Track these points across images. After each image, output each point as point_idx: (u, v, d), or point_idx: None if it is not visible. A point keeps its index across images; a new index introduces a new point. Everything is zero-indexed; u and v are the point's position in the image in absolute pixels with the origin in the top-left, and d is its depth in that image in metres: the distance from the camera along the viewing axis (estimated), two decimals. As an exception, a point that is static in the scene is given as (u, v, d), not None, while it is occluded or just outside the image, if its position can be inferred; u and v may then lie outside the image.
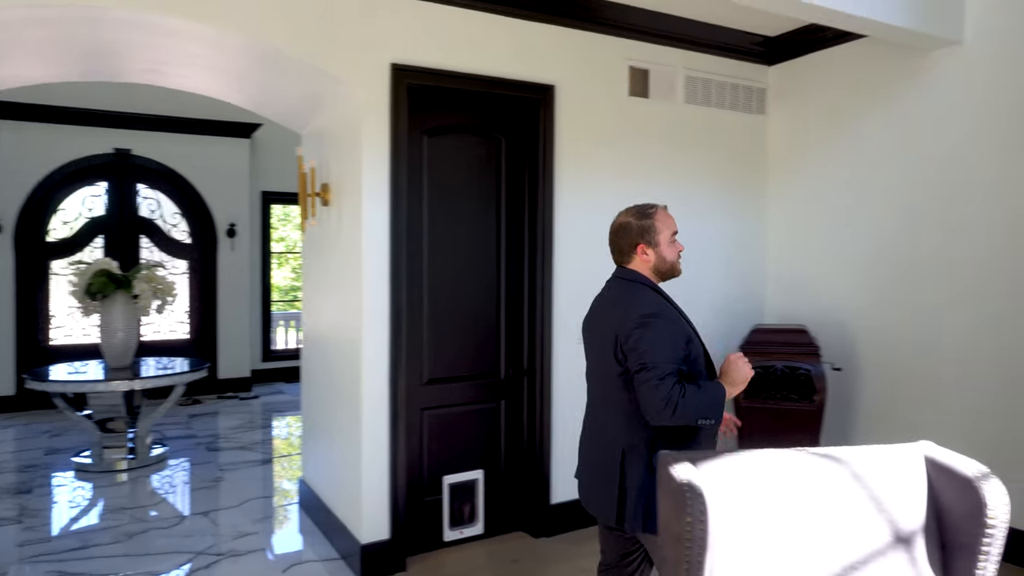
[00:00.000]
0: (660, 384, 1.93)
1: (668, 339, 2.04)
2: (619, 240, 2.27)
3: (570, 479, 3.87)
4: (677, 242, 2.25)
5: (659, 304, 2.13)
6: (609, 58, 3.97)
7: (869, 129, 4.04)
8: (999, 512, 1.52)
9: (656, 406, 1.93)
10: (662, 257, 2.20)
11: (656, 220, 2.21)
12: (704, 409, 1.97)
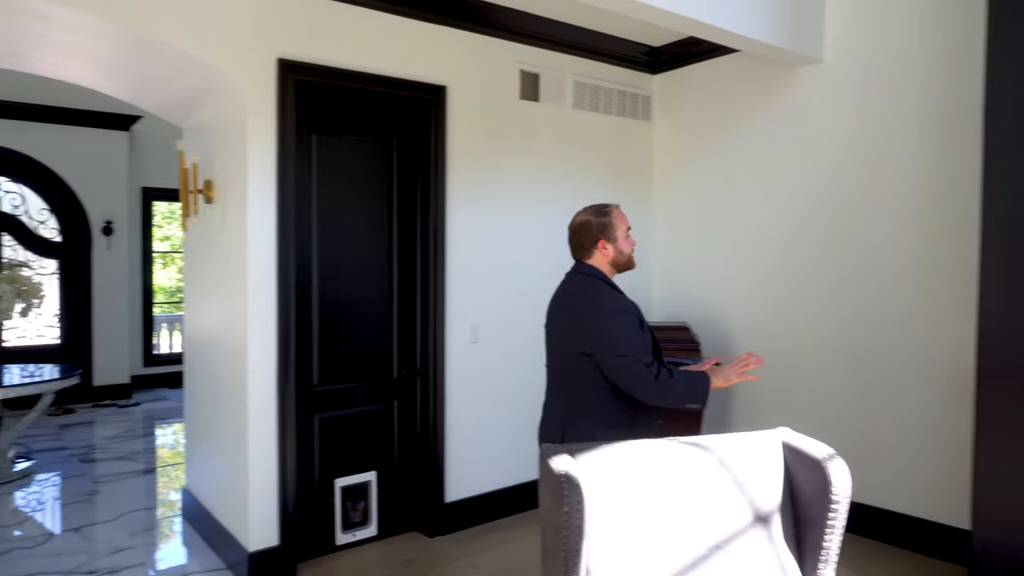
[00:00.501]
0: (647, 368, 2.16)
1: (630, 328, 2.24)
2: (580, 237, 2.42)
3: (465, 477, 3.93)
4: (631, 237, 2.44)
5: (616, 299, 2.31)
6: (500, 61, 4.03)
7: (742, 138, 4.31)
8: (842, 488, 1.68)
9: (646, 386, 2.16)
10: (619, 251, 2.38)
11: (613, 217, 2.39)
12: (690, 394, 2.22)
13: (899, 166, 3.57)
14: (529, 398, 4.15)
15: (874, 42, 3.67)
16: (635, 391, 2.21)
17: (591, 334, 2.25)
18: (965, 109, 3.26)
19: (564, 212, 4.27)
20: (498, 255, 4.04)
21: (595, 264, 2.40)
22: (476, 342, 3.93)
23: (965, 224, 3.25)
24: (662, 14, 3.17)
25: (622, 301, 2.33)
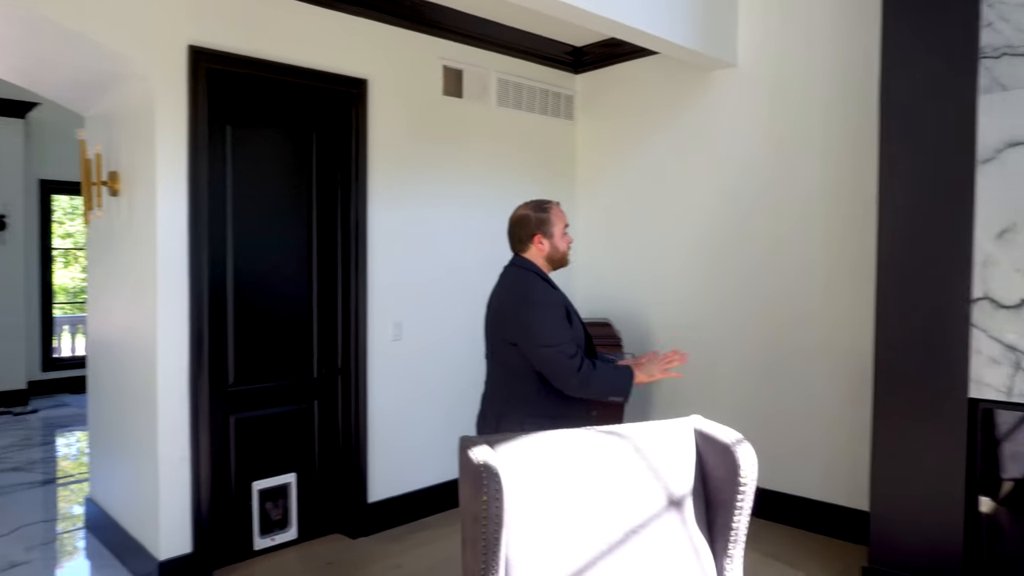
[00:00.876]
0: (571, 360, 2.21)
1: (561, 320, 2.29)
2: (518, 230, 2.47)
3: (389, 477, 3.88)
4: (568, 235, 2.48)
5: (548, 292, 2.36)
6: (423, 56, 4.00)
7: (661, 138, 4.42)
8: (749, 471, 1.75)
9: (569, 378, 2.22)
10: (555, 247, 2.43)
11: (552, 214, 2.44)
12: (613, 387, 2.30)
13: (807, 166, 3.74)
14: (454, 395, 4.16)
15: (783, 48, 3.83)
16: (558, 382, 2.26)
17: (520, 325, 2.29)
18: (865, 111, 3.45)
19: (488, 209, 4.32)
20: (422, 252, 4.01)
21: (531, 258, 2.45)
22: (399, 340, 3.89)
23: (867, 221, 3.44)
24: (584, 14, 3.20)
25: (552, 294, 2.37)
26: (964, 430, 2.75)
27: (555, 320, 2.28)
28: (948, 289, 2.79)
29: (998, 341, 2.68)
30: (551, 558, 1.64)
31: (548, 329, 2.26)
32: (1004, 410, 2.73)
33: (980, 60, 2.74)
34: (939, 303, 2.81)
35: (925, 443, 2.84)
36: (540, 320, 2.27)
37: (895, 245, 2.94)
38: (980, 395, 2.73)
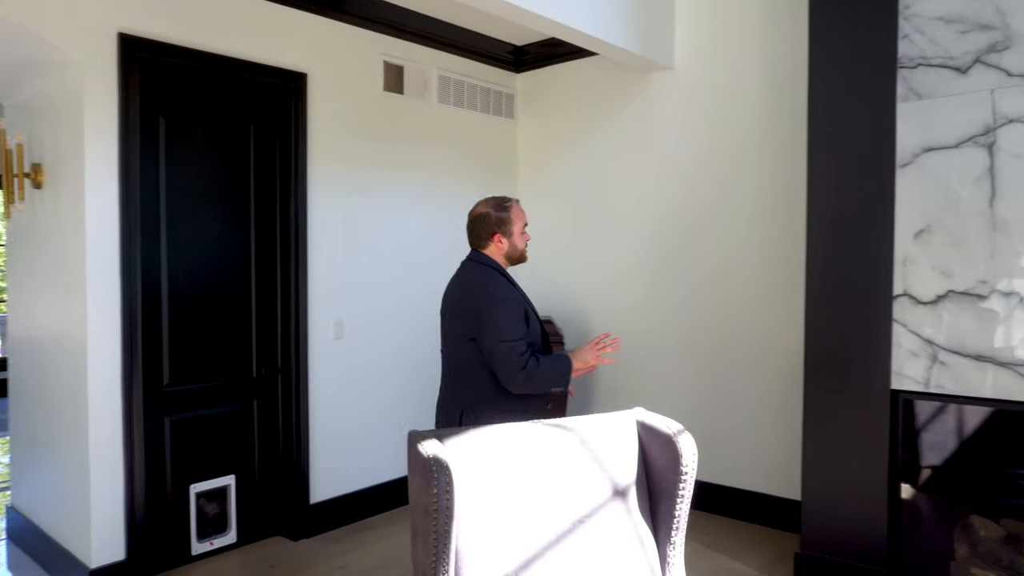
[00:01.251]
0: (519, 357, 2.26)
1: (515, 316, 2.33)
2: (477, 227, 2.49)
3: (331, 477, 3.83)
4: (527, 233, 2.53)
5: (506, 287, 2.40)
6: (364, 51, 3.97)
7: (601, 138, 4.50)
8: (689, 460, 1.82)
9: (514, 375, 2.26)
10: (514, 245, 2.49)
11: (511, 213, 2.48)
12: (554, 378, 2.35)
13: (742, 167, 3.88)
14: (397, 393, 4.14)
15: (717, 53, 3.96)
16: (503, 377, 2.29)
17: (477, 320, 2.32)
18: (796, 115, 3.60)
19: (430, 207, 4.32)
20: (363, 249, 3.98)
21: (490, 254, 2.48)
22: (340, 338, 3.84)
23: (799, 221, 3.58)
24: (524, 14, 3.22)
25: (510, 290, 2.41)
26: (887, 421, 2.91)
27: (511, 316, 2.32)
28: (871, 287, 2.94)
29: (917, 335, 2.85)
30: (501, 549, 1.66)
31: (503, 325, 2.29)
32: (922, 400, 2.90)
33: (898, 70, 2.90)
34: (863, 300, 2.96)
35: (851, 434, 2.99)
36: (497, 315, 2.30)
37: (823, 245, 3.08)
38: (900, 387, 2.89)
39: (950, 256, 2.78)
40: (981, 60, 2.72)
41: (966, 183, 2.74)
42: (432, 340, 4.32)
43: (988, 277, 2.71)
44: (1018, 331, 2.65)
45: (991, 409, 2.81)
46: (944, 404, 2.88)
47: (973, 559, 2.87)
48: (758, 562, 3.36)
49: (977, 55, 2.73)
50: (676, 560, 1.87)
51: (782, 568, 3.28)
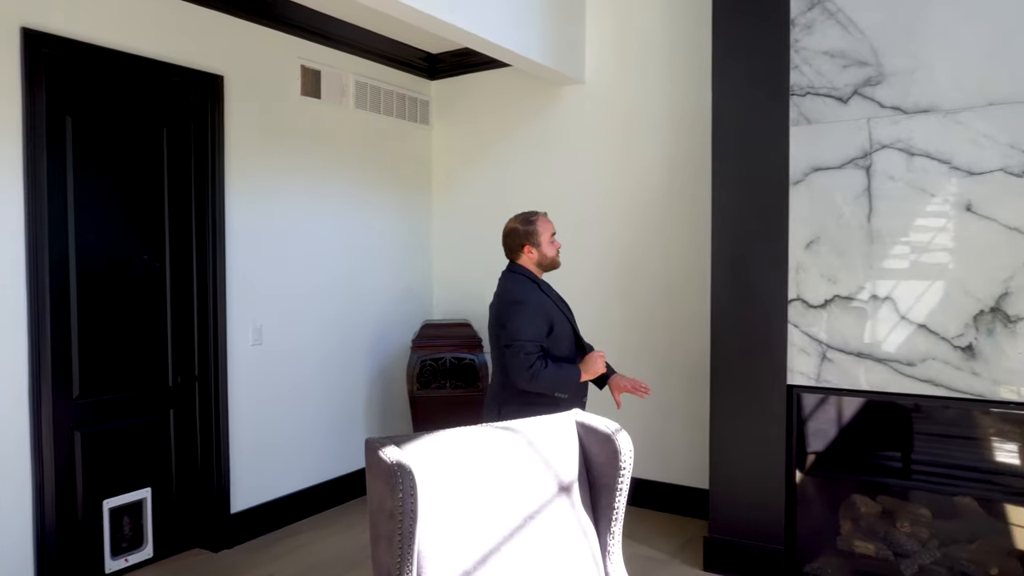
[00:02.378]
0: (526, 357, 2.52)
1: (531, 322, 2.58)
2: (509, 241, 2.78)
3: (253, 484, 3.77)
4: (556, 241, 2.78)
5: (529, 293, 2.65)
6: (281, 55, 3.93)
7: (515, 148, 4.66)
8: (627, 456, 1.99)
9: (520, 373, 2.54)
10: (543, 254, 2.74)
11: (537, 225, 2.73)
12: (558, 385, 2.58)
13: (650, 180, 4.14)
14: (319, 398, 4.13)
15: (625, 70, 4.20)
16: (511, 375, 2.58)
17: (500, 324, 2.63)
18: (701, 132, 3.89)
19: (348, 211, 4.33)
20: (282, 253, 3.94)
21: (523, 264, 2.76)
22: (260, 344, 3.79)
23: (704, 231, 3.87)
24: (439, 23, 3.26)
25: (534, 296, 2.65)
26: (783, 413, 3.22)
27: (526, 320, 2.57)
28: (769, 292, 3.25)
29: (808, 335, 3.18)
30: (459, 547, 1.76)
31: (517, 327, 2.56)
32: (812, 394, 3.23)
33: (791, 96, 3.22)
34: (762, 304, 3.26)
35: (753, 426, 3.29)
36: (512, 318, 2.58)
37: (726, 253, 3.36)
38: (795, 382, 3.21)
39: (835, 264, 3.12)
40: (859, 92, 3.07)
41: (848, 200, 3.09)
42: (352, 343, 4.36)
43: (865, 283, 3.07)
44: (889, 330, 3.02)
45: (868, 400, 3.18)
46: (831, 397, 3.23)
47: (855, 533, 3.24)
48: (669, 547, 3.62)
49: (856, 87, 3.08)
50: (615, 548, 2.03)
51: (691, 551, 3.55)
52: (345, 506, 4.25)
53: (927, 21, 2.92)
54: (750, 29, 3.29)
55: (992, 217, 2.83)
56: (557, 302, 2.76)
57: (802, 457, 3.30)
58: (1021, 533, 2.97)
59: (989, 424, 3.04)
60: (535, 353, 2.55)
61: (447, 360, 4.31)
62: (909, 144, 2.96)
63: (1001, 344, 2.81)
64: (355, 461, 4.42)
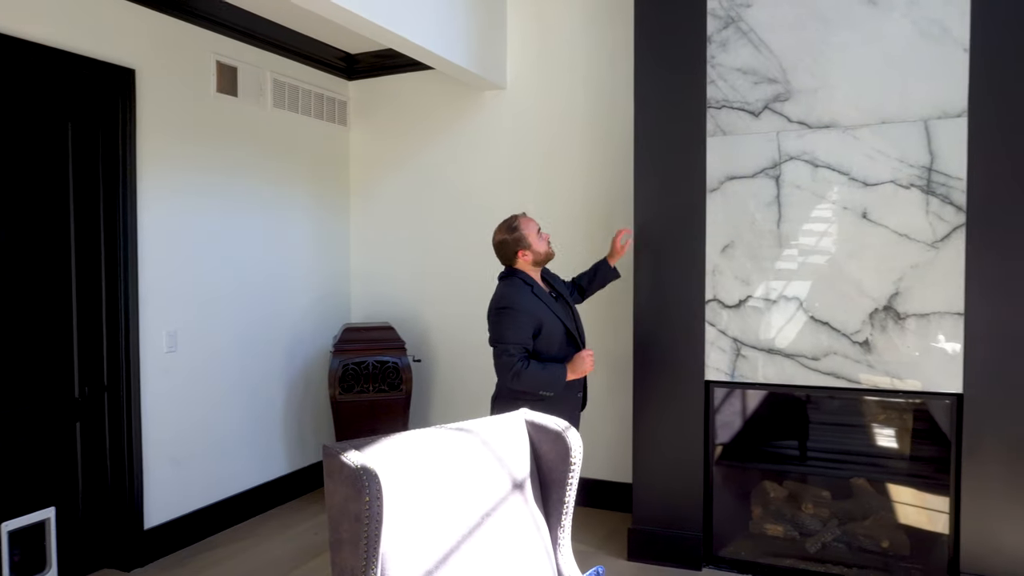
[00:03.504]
0: (508, 358, 2.72)
1: (516, 326, 2.74)
2: (503, 252, 2.95)
3: (169, 498, 3.60)
4: (544, 234, 2.93)
5: (517, 298, 2.79)
6: (196, 50, 3.78)
7: (435, 151, 4.68)
8: (577, 453, 2.07)
9: (504, 373, 2.74)
10: (536, 252, 2.90)
11: (522, 228, 2.89)
12: (541, 383, 2.73)
13: (571, 186, 4.26)
14: (239, 405, 4.00)
15: (545, 77, 4.32)
16: (497, 374, 2.80)
17: (490, 329, 2.83)
18: (622, 139, 4.05)
19: (265, 211, 4.21)
20: (198, 255, 3.78)
21: (520, 267, 2.92)
22: (175, 351, 3.63)
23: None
24: (360, 21, 3.20)
25: (523, 301, 2.79)
26: (702, 407, 3.42)
27: (509, 324, 2.75)
28: (688, 293, 3.44)
29: (724, 334, 3.39)
30: (420, 547, 1.78)
31: (501, 331, 2.77)
32: (728, 388, 3.45)
33: (707, 109, 3.42)
34: (682, 304, 3.45)
35: (673, 421, 3.47)
36: (498, 323, 2.78)
37: (648, 257, 3.53)
38: (711, 377, 3.42)
39: (748, 267, 3.35)
40: (769, 107, 3.31)
41: (760, 207, 3.32)
42: (271, 348, 4.23)
43: (775, 285, 3.31)
44: (796, 328, 3.27)
45: (778, 393, 3.42)
46: (745, 391, 3.45)
47: (766, 517, 3.48)
48: (594, 540, 3.75)
49: (766, 103, 3.31)
50: (565, 541, 2.11)
51: (616, 543, 3.70)
52: (265, 515, 4.13)
53: (829, 44, 3.19)
54: (670, 43, 3.47)
55: (884, 224, 3.12)
56: (549, 303, 2.88)
57: (720, 448, 3.51)
58: (906, 509, 3.29)
59: (880, 412, 3.35)
60: (517, 355, 2.73)
61: (370, 364, 4.26)
62: (813, 156, 3.22)
63: (893, 339, 3.11)
64: (276, 469, 4.30)
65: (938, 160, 3.03)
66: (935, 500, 3.17)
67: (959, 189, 3.00)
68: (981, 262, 2.98)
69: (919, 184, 3.06)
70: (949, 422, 3.09)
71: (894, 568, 3.23)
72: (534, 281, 2.91)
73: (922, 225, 3.06)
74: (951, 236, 3.02)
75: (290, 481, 4.42)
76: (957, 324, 3.01)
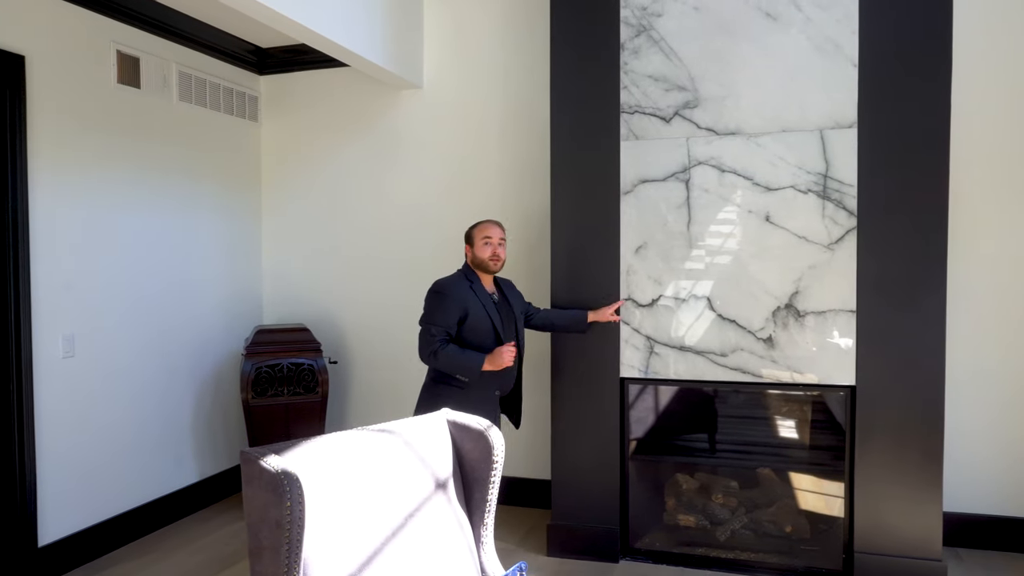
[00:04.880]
0: (429, 338, 2.93)
1: (443, 308, 2.95)
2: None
3: (67, 512, 3.41)
4: (488, 245, 3.08)
5: (452, 286, 3.01)
6: (94, 38, 3.58)
7: (351, 149, 4.61)
8: (499, 451, 2.09)
9: (422, 351, 2.97)
10: (475, 254, 3.10)
11: (474, 230, 3.13)
12: (456, 366, 2.92)
13: (484, 186, 4.29)
14: (144, 412, 3.84)
15: (462, 78, 4.33)
16: (419, 352, 2.98)
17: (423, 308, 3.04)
18: (538, 141, 4.11)
19: (171, 209, 4.04)
20: (97, 255, 3.59)
21: (467, 261, 3.15)
22: (72, 355, 3.42)
23: (541, 236, 4.10)
24: (267, 12, 3.10)
25: (453, 288, 3.00)
26: (617, 404, 3.52)
27: (437, 306, 2.97)
28: (603, 292, 3.53)
29: (638, 332, 3.50)
30: (343, 551, 1.76)
31: (427, 311, 3.00)
32: (642, 384, 3.56)
33: (621, 114, 3.52)
34: (598, 304, 3.53)
35: (590, 417, 3.55)
36: (427, 304, 3.02)
37: (564, 257, 3.60)
38: (626, 374, 3.52)
39: (660, 268, 3.47)
40: (679, 113, 3.44)
41: (671, 209, 3.45)
42: (178, 351, 4.05)
43: (685, 284, 3.44)
44: (706, 325, 3.41)
45: (689, 388, 3.56)
46: (659, 387, 3.58)
47: (679, 508, 3.62)
48: (514, 537, 3.79)
49: (676, 109, 3.45)
50: (487, 539, 2.13)
51: (535, 539, 3.75)
52: (173, 527, 3.95)
53: (734, 54, 3.35)
54: (585, 49, 3.55)
55: (785, 227, 3.31)
56: (484, 299, 3.04)
57: (635, 443, 3.62)
58: (807, 496, 3.50)
59: (783, 405, 3.54)
60: (439, 336, 2.92)
61: (284, 366, 4.15)
62: (720, 162, 3.38)
63: (793, 335, 3.30)
64: (185, 478, 4.13)
65: (832, 167, 3.24)
66: (832, 486, 3.38)
67: (851, 195, 3.22)
68: (869, 263, 3.20)
69: (816, 189, 3.26)
70: (844, 413, 3.31)
71: (796, 551, 3.42)
72: (477, 278, 3.09)
73: (819, 228, 3.26)
74: (844, 239, 3.23)
75: (200, 490, 4.24)
76: (850, 321, 3.23)
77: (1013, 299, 3.56)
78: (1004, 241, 3.57)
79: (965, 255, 3.58)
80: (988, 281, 3.59)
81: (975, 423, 3.61)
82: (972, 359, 3.60)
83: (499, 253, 3.09)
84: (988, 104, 3.56)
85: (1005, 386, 3.58)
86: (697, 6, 3.39)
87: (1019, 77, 3.53)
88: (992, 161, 3.57)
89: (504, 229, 3.19)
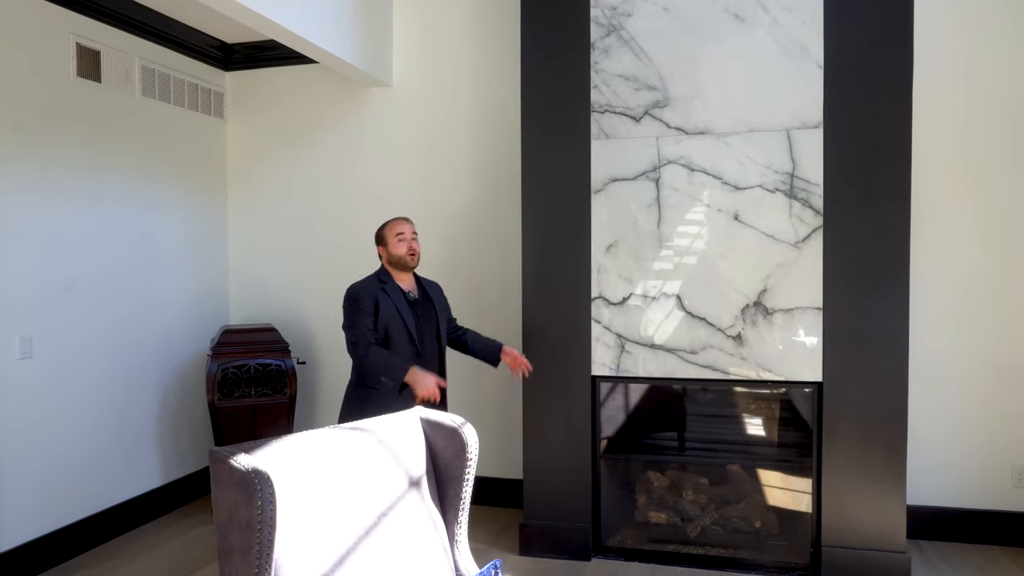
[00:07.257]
0: (359, 337, 2.93)
1: (360, 310, 2.98)
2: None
3: (26, 518, 3.31)
4: (405, 241, 3.08)
5: (364, 289, 3.04)
6: (53, 30, 3.48)
7: (319, 147, 4.55)
8: (473, 448, 2.08)
9: (349, 348, 2.97)
10: (390, 252, 3.11)
11: (385, 229, 3.14)
12: (383, 367, 2.89)
13: (453, 184, 4.27)
14: (106, 415, 3.75)
15: (431, 76, 4.31)
16: (350, 352, 2.98)
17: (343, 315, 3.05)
18: (508, 139, 4.10)
19: (134, 206, 3.96)
20: (56, 254, 3.49)
21: (382, 262, 3.17)
22: (30, 356, 3.32)
23: (511, 234, 4.09)
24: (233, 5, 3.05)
25: (366, 289, 3.02)
26: (588, 402, 3.52)
27: (356, 310, 2.98)
28: (574, 291, 3.54)
29: (609, 330, 3.51)
30: (315, 551, 1.73)
31: (346, 315, 3.02)
32: (613, 382, 3.57)
33: (592, 113, 3.53)
34: (568, 302, 3.54)
35: (561, 416, 3.55)
36: (344, 310, 3.03)
37: (535, 256, 3.60)
38: (597, 372, 3.53)
39: (631, 266, 3.49)
40: (649, 113, 3.47)
41: (642, 208, 3.47)
42: (141, 352, 3.96)
43: (655, 283, 3.47)
44: (676, 323, 3.44)
45: (659, 386, 3.59)
46: (630, 384, 3.59)
47: (650, 505, 3.64)
48: (487, 536, 3.78)
49: (647, 108, 3.47)
50: (462, 537, 2.11)
51: (508, 539, 3.74)
52: (137, 532, 3.86)
53: (703, 56, 3.38)
54: (556, 48, 3.56)
55: (753, 225, 3.35)
56: (396, 298, 3.04)
57: (606, 441, 3.63)
58: (775, 491, 3.55)
59: (751, 402, 3.59)
60: (367, 336, 2.92)
61: (251, 367, 4.08)
62: (690, 161, 3.41)
63: (762, 333, 3.34)
64: (149, 481, 4.03)
65: (799, 167, 3.29)
66: (800, 482, 3.43)
67: (817, 194, 3.27)
68: (834, 261, 3.26)
69: (783, 189, 3.31)
70: (810, 409, 3.36)
71: (765, 546, 3.47)
72: (390, 278, 3.10)
73: (786, 227, 3.31)
74: (811, 237, 3.29)
75: (165, 493, 4.15)
76: (817, 318, 3.28)
77: (975, 294, 3.66)
78: (966, 238, 3.67)
79: (927, 252, 3.66)
80: (950, 276, 3.68)
81: (938, 418, 3.70)
82: (935, 355, 3.69)
83: (414, 247, 3.12)
84: (949, 103, 3.65)
85: (966, 382, 3.68)
86: (667, 7, 3.41)
87: (978, 76, 3.63)
88: (952, 159, 3.66)
89: (414, 224, 3.22)
